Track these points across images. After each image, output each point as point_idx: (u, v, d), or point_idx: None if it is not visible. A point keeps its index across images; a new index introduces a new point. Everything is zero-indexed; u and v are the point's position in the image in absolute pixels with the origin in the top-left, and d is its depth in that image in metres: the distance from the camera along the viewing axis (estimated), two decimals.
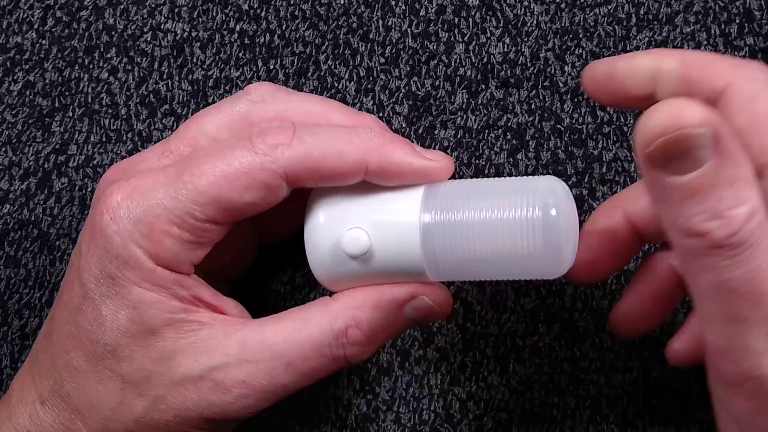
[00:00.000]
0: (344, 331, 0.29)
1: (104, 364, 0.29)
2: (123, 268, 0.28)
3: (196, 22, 0.42)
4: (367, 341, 0.30)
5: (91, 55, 0.41)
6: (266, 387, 0.29)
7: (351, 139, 0.29)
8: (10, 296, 0.40)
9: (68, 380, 0.29)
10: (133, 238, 0.28)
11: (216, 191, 0.28)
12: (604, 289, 0.39)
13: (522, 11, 0.41)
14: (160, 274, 0.29)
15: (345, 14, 0.41)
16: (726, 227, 0.22)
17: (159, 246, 0.28)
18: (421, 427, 0.38)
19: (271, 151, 0.28)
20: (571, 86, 0.40)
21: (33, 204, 0.40)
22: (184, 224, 0.28)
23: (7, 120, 0.41)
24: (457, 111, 0.40)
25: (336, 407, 0.38)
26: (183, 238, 0.29)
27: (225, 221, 0.29)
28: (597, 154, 0.40)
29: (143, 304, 0.29)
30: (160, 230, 0.28)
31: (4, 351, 0.39)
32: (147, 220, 0.28)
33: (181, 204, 0.28)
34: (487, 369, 0.38)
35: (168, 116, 0.41)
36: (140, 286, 0.29)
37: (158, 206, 0.28)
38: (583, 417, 0.38)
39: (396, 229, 0.29)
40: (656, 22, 0.41)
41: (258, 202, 0.29)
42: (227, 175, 0.28)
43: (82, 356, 0.29)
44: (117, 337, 0.29)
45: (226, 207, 0.28)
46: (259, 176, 0.28)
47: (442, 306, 0.31)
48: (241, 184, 0.28)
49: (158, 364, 0.29)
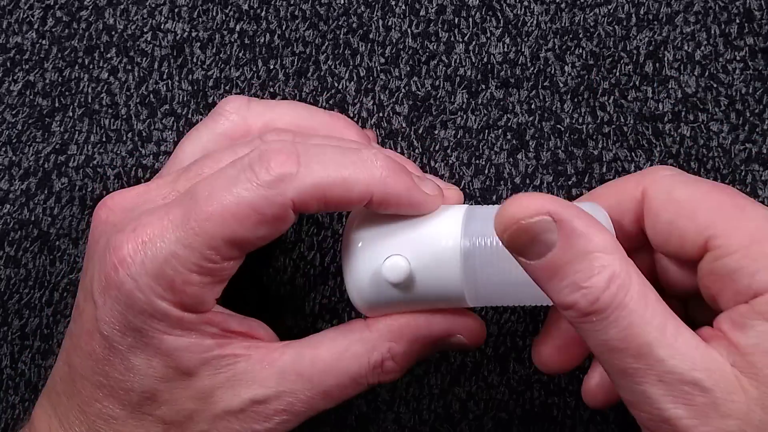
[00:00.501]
0: (380, 363, 0.30)
1: (142, 410, 0.29)
2: (150, 321, 0.28)
3: (196, 22, 0.42)
4: (400, 370, 0.30)
5: (91, 55, 0.41)
6: (305, 413, 0.30)
7: (357, 168, 0.29)
8: (10, 296, 0.40)
9: (104, 427, 0.29)
10: (156, 292, 0.28)
11: (229, 233, 0.28)
12: None
13: (522, 11, 0.41)
14: (187, 319, 0.29)
15: (345, 14, 0.41)
16: (587, 296, 0.25)
17: (183, 295, 0.28)
18: (421, 427, 0.38)
19: (278, 184, 0.28)
20: (571, 86, 0.40)
21: (33, 204, 0.40)
22: (202, 270, 0.28)
23: (7, 120, 0.41)
24: (457, 111, 0.40)
25: (336, 407, 0.38)
26: (204, 282, 0.28)
27: (240, 256, 0.29)
28: (597, 154, 0.40)
29: (177, 350, 0.29)
30: (181, 281, 0.28)
31: (4, 351, 0.39)
32: (166, 273, 0.28)
33: (196, 251, 0.28)
34: (487, 369, 0.38)
35: (168, 116, 0.41)
36: (170, 335, 0.28)
37: (174, 257, 0.28)
38: (583, 417, 0.38)
39: (436, 255, 0.29)
40: (656, 22, 0.41)
41: (270, 234, 0.29)
42: (236, 215, 0.27)
43: (117, 404, 0.29)
44: (154, 383, 0.29)
45: (239, 245, 0.28)
46: (268, 211, 0.28)
47: (475, 342, 0.31)
48: (251, 222, 0.28)
49: (199, 402, 0.29)
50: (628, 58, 0.40)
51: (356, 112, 0.41)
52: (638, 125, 0.40)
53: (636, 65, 0.40)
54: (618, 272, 0.25)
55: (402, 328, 0.30)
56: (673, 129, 0.40)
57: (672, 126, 0.40)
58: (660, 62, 0.40)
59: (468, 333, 0.31)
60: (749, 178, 0.39)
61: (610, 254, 0.25)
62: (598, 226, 0.26)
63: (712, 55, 0.40)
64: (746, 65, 0.40)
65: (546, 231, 0.25)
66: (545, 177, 0.40)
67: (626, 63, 0.40)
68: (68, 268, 0.40)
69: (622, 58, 0.40)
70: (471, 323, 0.31)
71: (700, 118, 0.40)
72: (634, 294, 0.25)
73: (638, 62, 0.40)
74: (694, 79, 0.40)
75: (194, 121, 0.41)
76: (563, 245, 0.25)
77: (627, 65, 0.40)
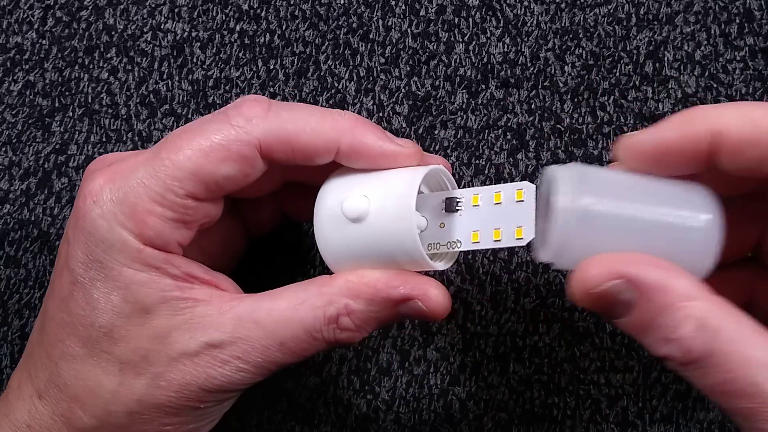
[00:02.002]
0: (335, 318, 0.29)
1: (100, 347, 0.29)
2: (110, 251, 0.29)
3: (196, 22, 0.42)
4: (357, 329, 0.30)
5: (91, 55, 0.41)
6: (261, 363, 0.29)
7: (325, 118, 0.30)
8: (10, 296, 0.40)
9: (65, 369, 0.29)
10: (118, 219, 0.28)
11: (193, 165, 0.28)
12: None
13: (522, 11, 0.41)
14: (149, 253, 0.29)
15: (345, 14, 0.41)
16: (680, 348, 0.24)
17: (144, 225, 0.29)
18: (421, 427, 0.38)
19: (246, 123, 0.29)
20: (571, 86, 0.40)
21: (33, 204, 0.40)
22: (165, 201, 0.29)
23: (7, 120, 0.41)
24: (457, 111, 0.40)
25: (336, 407, 0.38)
26: (166, 216, 0.29)
27: (205, 196, 0.29)
28: (597, 154, 0.40)
29: (135, 284, 0.29)
30: (143, 209, 0.28)
31: (4, 351, 0.39)
32: (129, 200, 0.28)
33: (161, 181, 0.28)
34: (487, 369, 0.38)
35: (168, 116, 0.41)
36: (130, 267, 0.29)
37: (139, 185, 0.29)
38: (583, 417, 0.38)
39: (395, 197, 0.29)
40: (656, 22, 0.41)
41: (235, 174, 0.29)
42: (203, 149, 0.29)
43: (77, 342, 0.29)
44: (111, 318, 0.29)
45: (204, 180, 0.29)
46: (234, 147, 0.29)
47: (436, 310, 0.30)
48: (217, 156, 0.29)
49: (155, 342, 0.29)
50: (628, 58, 0.40)
51: (356, 112, 0.41)
52: (638, 125, 0.40)
53: (636, 65, 0.40)
54: (704, 317, 0.24)
55: (360, 286, 0.30)
56: None
57: None
58: (660, 62, 0.40)
59: (428, 300, 0.30)
60: None
61: (693, 300, 0.25)
62: (673, 272, 0.25)
63: (712, 55, 0.40)
64: (746, 65, 0.40)
65: (622, 292, 0.25)
66: None
67: (626, 63, 0.40)
68: None
69: (622, 58, 0.40)
70: (432, 289, 0.30)
71: None
72: (728, 335, 0.24)
73: (638, 62, 0.40)
74: (694, 79, 0.40)
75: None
76: (642, 302, 0.25)
77: (627, 65, 0.40)
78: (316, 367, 0.38)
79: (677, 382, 0.38)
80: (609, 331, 0.38)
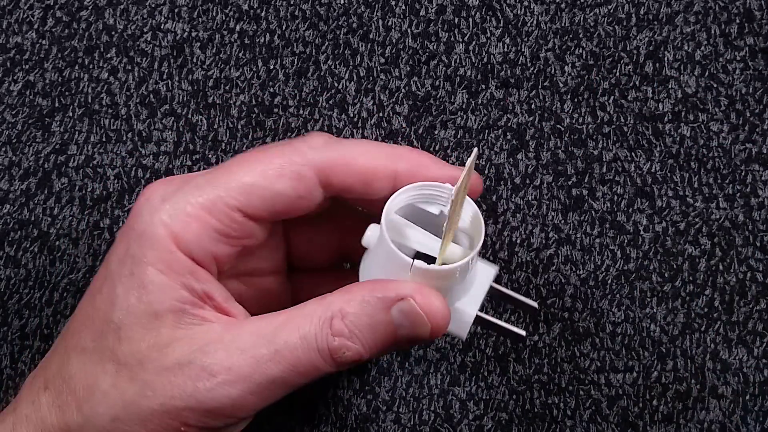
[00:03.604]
0: (329, 321, 0.29)
1: (106, 344, 0.29)
2: (144, 246, 0.29)
3: (196, 22, 0.42)
4: (350, 335, 0.29)
5: (91, 55, 0.41)
6: (252, 376, 0.28)
7: (382, 146, 0.30)
8: (10, 296, 0.40)
9: (74, 361, 0.29)
10: (161, 215, 0.29)
11: (249, 179, 0.29)
12: (604, 290, 0.39)
13: (522, 11, 0.41)
14: (177, 258, 0.29)
15: (345, 14, 0.41)
16: None
17: (186, 229, 0.29)
18: (421, 427, 0.38)
19: (307, 148, 0.30)
20: (571, 86, 0.40)
21: (33, 204, 0.40)
22: (213, 209, 0.29)
23: (7, 120, 0.41)
24: (457, 111, 0.40)
25: (336, 407, 0.38)
26: (210, 224, 0.29)
27: (255, 213, 0.29)
28: (597, 154, 0.40)
29: (153, 285, 0.29)
30: (190, 213, 0.29)
31: (4, 351, 0.39)
32: (179, 203, 0.29)
33: (214, 189, 0.29)
34: (487, 369, 0.38)
35: (168, 116, 0.41)
36: (155, 267, 0.29)
37: (193, 190, 0.29)
38: (583, 417, 0.38)
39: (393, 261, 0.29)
40: (656, 22, 0.41)
41: (288, 193, 0.29)
42: (262, 166, 0.29)
43: (90, 335, 0.29)
44: (123, 316, 0.29)
45: (257, 194, 0.29)
46: (291, 167, 0.29)
47: (432, 315, 0.29)
48: (272, 174, 0.29)
49: (153, 350, 0.29)
50: (628, 58, 0.40)
51: (356, 112, 0.41)
52: (638, 125, 0.40)
53: (636, 65, 0.40)
54: None
55: (357, 291, 0.29)
56: (673, 129, 0.40)
57: (672, 126, 0.40)
58: (660, 62, 0.40)
59: (423, 302, 0.29)
60: (749, 178, 0.39)
61: None
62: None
63: (712, 55, 0.40)
64: (746, 65, 0.40)
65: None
66: (545, 177, 0.40)
67: (626, 63, 0.40)
68: (68, 268, 0.40)
69: (622, 58, 0.40)
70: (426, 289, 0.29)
71: (700, 118, 0.40)
72: None
73: (638, 62, 0.40)
74: (694, 79, 0.40)
75: (194, 121, 0.41)
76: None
77: (627, 65, 0.40)
78: None
79: (677, 382, 0.38)
80: (609, 331, 0.38)
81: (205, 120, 0.41)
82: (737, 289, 0.39)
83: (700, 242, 0.39)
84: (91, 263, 0.40)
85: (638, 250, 0.39)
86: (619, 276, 0.39)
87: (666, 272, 0.39)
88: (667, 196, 0.39)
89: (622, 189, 0.39)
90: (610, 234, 0.39)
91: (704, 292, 0.39)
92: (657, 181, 0.39)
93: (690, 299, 0.39)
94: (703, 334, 0.38)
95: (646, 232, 0.39)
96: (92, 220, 0.40)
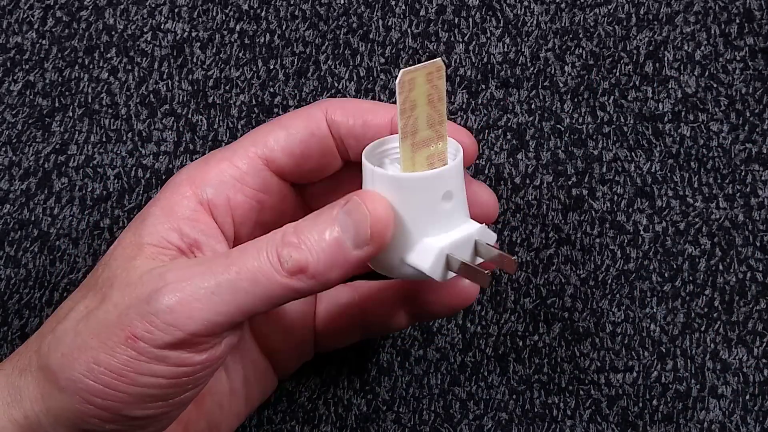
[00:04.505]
0: (281, 233, 0.29)
1: (95, 274, 0.30)
2: (165, 188, 0.31)
3: (196, 22, 0.42)
4: (298, 241, 0.28)
5: (91, 55, 0.41)
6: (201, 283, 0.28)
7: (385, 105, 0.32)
8: (10, 296, 0.40)
9: (62, 309, 0.30)
10: (188, 166, 0.31)
11: (269, 128, 0.32)
12: (604, 289, 0.39)
13: (522, 11, 0.41)
14: (186, 201, 0.30)
15: (345, 14, 0.41)
16: None
17: (205, 171, 0.31)
18: (421, 427, 0.38)
19: (320, 102, 0.32)
20: (571, 86, 0.40)
21: (33, 204, 0.40)
22: (233, 156, 0.31)
23: (7, 120, 0.41)
24: (457, 111, 0.40)
25: (336, 407, 0.38)
26: (228, 169, 0.31)
27: (273, 158, 0.31)
28: (597, 154, 0.40)
29: (149, 221, 0.30)
30: (212, 161, 0.31)
31: (4, 351, 0.39)
32: (207, 156, 0.32)
33: (237, 144, 0.32)
34: (487, 369, 0.38)
35: (168, 116, 0.41)
36: (158, 206, 0.30)
37: (220, 151, 0.32)
38: (583, 417, 0.38)
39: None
40: (656, 22, 0.41)
41: (301, 131, 0.31)
42: (279, 121, 0.32)
43: (84, 287, 0.30)
44: (115, 246, 0.30)
45: (274, 137, 0.31)
46: (303, 112, 0.32)
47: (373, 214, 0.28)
48: (287, 121, 0.32)
49: (123, 271, 0.29)
50: (628, 58, 0.40)
51: None
52: (638, 125, 0.40)
53: (636, 65, 0.40)
54: None
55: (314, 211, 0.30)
56: (673, 129, 0.40)
57: (672, 126, 0.40)
58: (660, 62, 0.40)
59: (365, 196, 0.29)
60: (749, 178, 0.39)
61: None
62: None
63: (712, 55, 0.40)
64: (746, 65, 0.40)
65: None
66: (545, 177, 0.40)
67: (626, 63, 0.40)
68: (68, 268, 0.40)
69: (622, 58, 0.40)
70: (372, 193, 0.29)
71: (700, 118, 0.40)
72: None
73: (638, 62, 0.40)
74: (694, 79, 0.40)
75: (194, 121, 0.41)
76: None
77: (627, 65, 0.40)
78: (316, 367, 0.38)
79: (677, 382, 0.38)
80: (609, 331, 0.38)
81: (205, 120, 0.41)
82: (737, 289, 0.39)
83: (700, 242, 0.39)
84: (91, 263, 0.40)
85: (638, 250, 0.39)
86: (619, 276, 0.39)
87: (666, 272, 0.39)
88: (667, 196, 0.39)
89: (622, 189, 0.39)
90: (610, 234, 0.39)
91: (704, 292, 0.39)
92: (657, 181, 0.39)
93: (690, 299, 0.39)
94: (703, 334, 0.38)
95: (646, 232, 0.39)
96: (92, 220, 0.40)
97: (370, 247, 0.28)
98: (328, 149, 0.32)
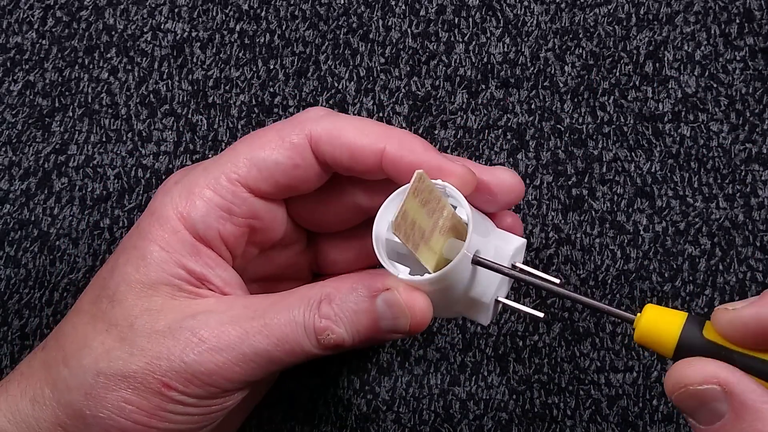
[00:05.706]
0: (318, 303, 0.29)
1: (100, 306, 0.30)
2: (153, 224, 0.30)
3: (196, 22, 0.42)
4: (335, 318, 0.29)
5: (91, 55, 0.41)
6: (239, 345, 0.29)
7: (376, 124, 0.31)
8: (10, 296, 0.40)
9: (69, 321, 0.30)
10: (171, 196, 0.30)
11: (248, 153, 0.31)
12: (604, 289, 0.39)
13: (522, 11, 0.41)
14: (180, 238, 0.30)
15: (345, 14, 0.41)
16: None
17: (190, 206, 0.30)
18: (421, 427, 0.38)
19: (303, 120, 0.31)
20: (571, 86, 0.40)
21: (33, 204, 0.40)
22: (216, 186, 0.30)
23: (7, 120, 0.41)
24: (457, 111, 0.40)
25: (336, 407, 0.38)
26: (214, 202, 0.30)
27: (256, 186, 0.30)
28: (597, 154, 0.40)
29: (152, 258, 0.30)
30: (196, 192, 0.30)
31: (4, 351, 0.39)
32: (189, 184, 0.31)
33: (218, 167, 0.31)
34: (487, 369, 0.38)
35: (168, 116, 0.41)
36: (157, 243, 0.30)
37: (201, 172, 0.31)
38: (583, 417, 0.38)
39: None
40: (656, 22, 0.41)
41: (285, 162, 0.30)
42: (261, 143, 0.31)
43: (88, 299, 0.30)
44: (119, 282, 0.30)
45: (257, 166, 0.30)
46: (286, 138, 0.31)
47: (413, 310, 0.29)
48: (270, 145, 0.31)
49: (144, 314, 0.29)
50: (628, 58, 0.40)
51: (356, 112, 0.41)
52: (638, 125, 0.40)
53: (636, 65, 0.40)
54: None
55: (346, 277, 0.30)
56: (673, 129, 0.40)
57: (672, 126, 0.40)
58: (660, 62, 0.40)
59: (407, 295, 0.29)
60: (749, 178, 0.39)
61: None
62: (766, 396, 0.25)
63: (712, 55, 0.40)
64: (746, 65, 0.40)
65: (715, 400, 0.25)
66: (545, 177, 0.40)
67: (626, 63, 0.40)
68: (68, 268, 0.40)
69: (622, 58, 0.40)
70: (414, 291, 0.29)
71: (700, 118, 0.40)
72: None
73: (638, 62, 0.40)
74: (694, 79, 0.40)
75: (194, 121, 0.41)
76: (733, 419, 0.25)
77: (627, 65, 0.40)
78: (316, 367, 0.38)
79: None
80: (609, 331, 0.38)
81: (205, 120, 0.41)
82: (737, 289, 0.39)
83: (700, 242, 0.39)
84: (91, 263, 0.40)
85: (638, 250, 0.39)
86: (619, 276, 0.39)
87: (666, 272, 0.39)
88: (667, 196, 0.39)
89: (622, 189, 0.39)
90: (610, 234, 0.39)
91: (704, 292, 0.39)
92: (657, 181, 0.39)
93: (690, 299, 0.39)
94: None
95: (646, 232, 0.39)
96: (92, 220, 0.40)
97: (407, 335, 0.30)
98: (314, 174, 0.31)
